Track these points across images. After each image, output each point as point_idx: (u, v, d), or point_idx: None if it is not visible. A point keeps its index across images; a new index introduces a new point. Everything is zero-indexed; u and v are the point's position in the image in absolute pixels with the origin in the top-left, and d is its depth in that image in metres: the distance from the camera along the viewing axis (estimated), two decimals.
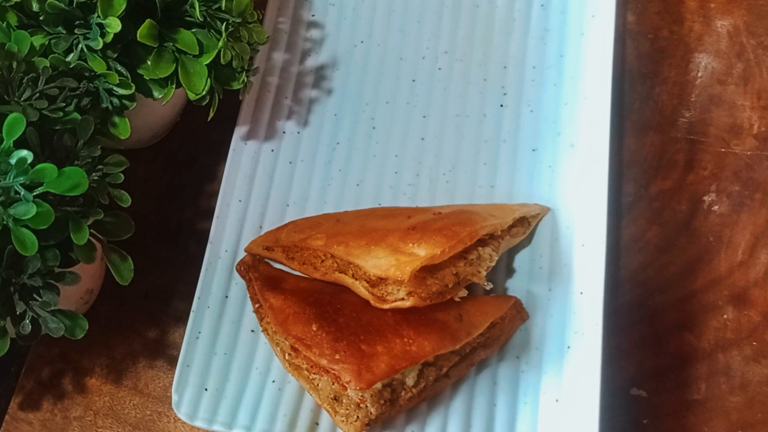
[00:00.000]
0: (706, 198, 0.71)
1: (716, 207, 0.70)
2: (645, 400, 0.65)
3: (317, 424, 0.60)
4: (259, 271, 0.65)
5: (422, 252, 0.56)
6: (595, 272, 0.61)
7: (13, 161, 0.51)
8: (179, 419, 0.62)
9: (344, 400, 0.56)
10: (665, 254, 0.69)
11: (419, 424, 0.60)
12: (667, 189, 0.71)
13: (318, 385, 0.58)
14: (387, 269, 0.56)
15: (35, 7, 0.57)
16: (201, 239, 0.66)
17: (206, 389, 0.61)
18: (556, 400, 0.59)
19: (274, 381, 0.62)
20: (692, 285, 0.68)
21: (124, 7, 0.56)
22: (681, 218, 0.70)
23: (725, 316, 0.67)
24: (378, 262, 0.57)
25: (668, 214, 0.70)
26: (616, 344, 0.66)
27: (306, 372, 0.58)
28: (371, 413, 0.56)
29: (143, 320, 0.70)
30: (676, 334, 0.66)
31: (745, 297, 0.67)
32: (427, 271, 0.57)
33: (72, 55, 0.58)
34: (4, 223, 0.50)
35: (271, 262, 0.67)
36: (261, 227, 0.68)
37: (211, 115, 0.63)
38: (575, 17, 0.72)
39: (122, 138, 0.60)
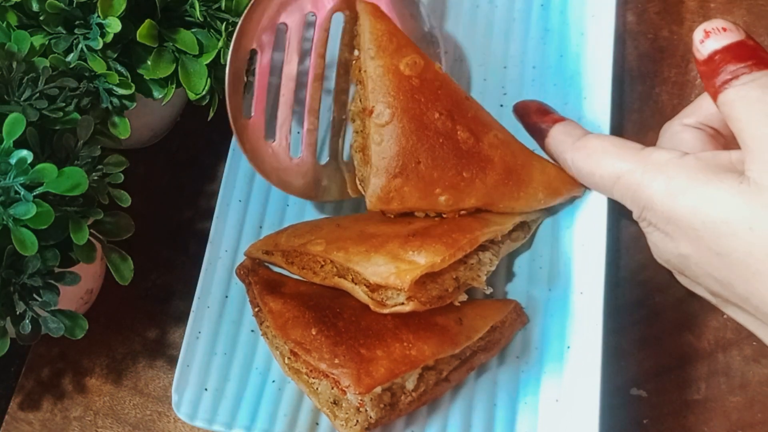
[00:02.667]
0: None
1: None
2: (645, 400, 0.65)
3: (317, 424, 0.60)
4: (258, 275, 0.64)
5: (422, 260, 0.56)
6: (595, 272, 0.61)
7: (13, 161, 0.51)
8: (179, 419, 0.62)
9: (344, 405, 0.56)
10: None
11: (419, 426, 0.60)
12: None
13: (317, 389, 0.58)
14: (387, 277, 0.56)
15: (35, 7, 0.57)
16: (201, 239, 0.66)
17: (206, 389, 0.61)
18: (556, 400, 0.60)
19: (274, 381, 0.62)
20: None
21: (124, 7, 0.56)
22: None
23: (725, 316, 0.67)
24: (378, 269, 0.56)
25: None
26: (616, 344, 0.66)
27: (305, 376, 0.58)
28: (371, 417, 0.56)
29: (143, 320, 0.70)
30: (676, 334, 0.66)
31: None
32: (427, 276, 0.56)
33: (72, 55, 0.58)
34: (4, 223, 0.50)
35: (271, 266, 0.66)
36: (261, 227, 0.68)
37: (211, 115, 0.63)
38: (575, 17, 0.72)
39: (122, 138, 0.60)
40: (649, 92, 0.75)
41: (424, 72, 0.62)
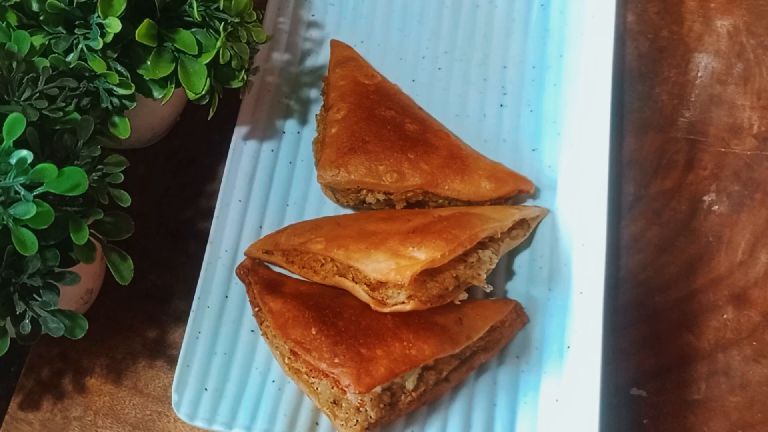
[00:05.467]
0: (706, 198, 0.71)
1: (716, 207, 0.70)
2: (645, 400, 0.65)
3: (317, 424, 0.60)
4: (258, 274, 0.64)
5: (422, 256, 0.56)
6: (595, 272, 0.61)
7: (13, 161, 0.51)
8: (179, 419, 0.62)
9: (344, 404, 0.56)
10: (665, 254, 0.69)
11: (419, 426, 0.60)
12: (667, 189, 0.71)
13: (317, 388, 0.58)
14: (387, 273, 0.56)
15: (35, 7, 0.57)
16: (201, 239, 0.66)
17: (206, 389, 0.61)
18: (556, 400, 0.60)
19: (274, 381, 0.62)
20: (692, 285, 0.68)
21: (124, 7, 0.56)
22: (681, 218, 0.70)
23: (725, 316, 0.67)
24: (378, 266, 0.56)
25: (668, 214, 0.70)
26: (616, 344, 0.66)
27: (305, 376, 0.58)
28: (371, 417, 0.56)
29: (143, 320, 0.70)
30: (676, 334, 0.66)
31: (745, 297, 0.67)
32: (427, 274, 0.57)
33: (72, 55, 0.58)
34: (4, 223, 0.50)
35: (271, 266, 0.66)
36: (261, 227, 0.68)
37: (211, 114, 0.63)
38: (575, 17, 0.72)
39: (122, 138, 0.60)
40: (649, 92, 0.75)
41: (381, 82, 0.70)
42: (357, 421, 0.56)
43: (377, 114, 0.66)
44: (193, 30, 0.60)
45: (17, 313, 0.53)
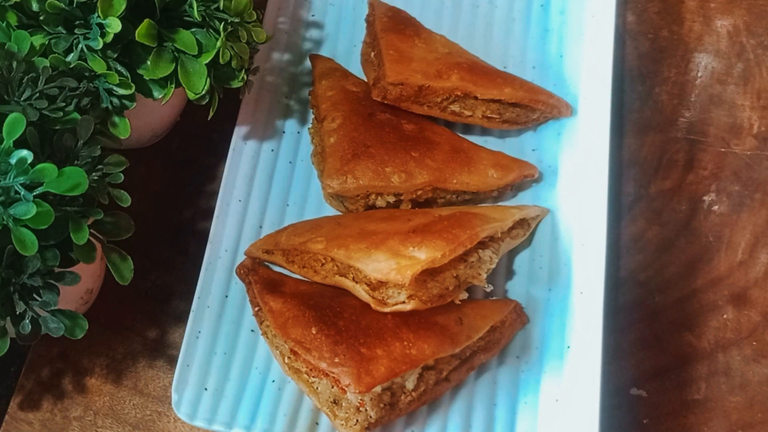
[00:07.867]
0: (706, 198, 0.71)
1: (716, 207, 0.70)
2: (645, 400, 0.65)
3: (317, 423, 0.60)
4: (258, 274, 0.64)
5: (423, 255, 0.56)
6: (595, 272, 0.61)
7: (13, 161, 0.51)
8: (179, 419, 0.62)
9: (344, 404, 0.56)
10: (665, 254, 0.69)
11: (419, 426, 0.60)
12: (667, 189, 0.71)
13: (317, 388, 0.58)
14: (387, 273, 0.56)
15: (35, 7, 0.57)
16: (201, 239, 0.66)
17: (206, 389, 0.61)
18: (556, 400, 0.60)
19: (274, 381, 0.62)
20: (692, 285, 0.68)
21: (124, 7, 0.56)
22: (681, 218, 0.70)
23: (725, 316, 0.67)
24: (378, 265, 0.56)
25: (668, 214, 0.70)
26: (616, 344, 0.66)
27: (305, 375, 0.58)
28: (371, 417, 0.55)
29: (143, 320, 0.70)
30: (676, 334, 0.66)
31: (745, 297, 0.67)
32: (428, 274, 0.57)
33: (72, 55, 0.58)
34: (4, 223, 0.50)
35: (271, 266, 0.66)
36: (261, 227, 0.68)
37: (211, 114, 0.63)
38: (575, 17, 0.72)
39: (122, 138, 0.60)
40: (649, 92, 0.75)
41: (369, 88, 0.70)
42: (357, 420, 0.55)
43: (373, 118, 0.66)
44: (193, 30, 0.60)
45: (17, 313, 0.53)
